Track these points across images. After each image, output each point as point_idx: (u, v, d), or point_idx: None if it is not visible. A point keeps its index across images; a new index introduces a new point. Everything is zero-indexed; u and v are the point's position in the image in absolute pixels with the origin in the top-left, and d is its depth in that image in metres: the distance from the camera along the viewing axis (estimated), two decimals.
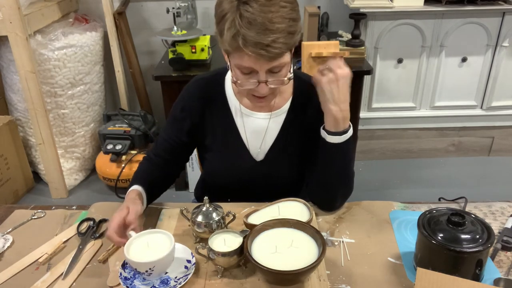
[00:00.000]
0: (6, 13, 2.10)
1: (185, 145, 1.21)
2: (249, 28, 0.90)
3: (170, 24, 2.45)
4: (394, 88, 2.68)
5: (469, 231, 0.87)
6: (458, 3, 2.42)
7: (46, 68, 2.38)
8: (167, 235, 0.95)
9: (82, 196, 2.61)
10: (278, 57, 0.95)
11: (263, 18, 0.90)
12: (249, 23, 0.90)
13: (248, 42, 0.91)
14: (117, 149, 2.48)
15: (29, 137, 2.61)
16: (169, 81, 2.22)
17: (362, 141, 2.78)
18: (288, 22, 0.93)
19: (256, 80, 0.99)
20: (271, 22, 0.90)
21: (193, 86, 1.20)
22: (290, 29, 0.93)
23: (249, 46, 0.91)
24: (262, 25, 0.90)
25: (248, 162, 1.20)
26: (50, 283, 0.95)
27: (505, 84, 2.68)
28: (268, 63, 0.95)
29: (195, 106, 1.18)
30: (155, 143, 1.24)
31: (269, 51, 0.91)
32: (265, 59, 0.93)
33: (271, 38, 0.90)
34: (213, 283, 0.93)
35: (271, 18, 0.90)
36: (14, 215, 1.18)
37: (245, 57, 0.94)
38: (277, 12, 0.91)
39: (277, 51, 0.92)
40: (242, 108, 1.16)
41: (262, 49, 0.91)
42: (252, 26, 0.90)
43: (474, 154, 2.91)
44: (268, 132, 1.17)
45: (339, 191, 1.14)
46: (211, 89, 1.18)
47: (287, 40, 0.93)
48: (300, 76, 1.19)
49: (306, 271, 0.85)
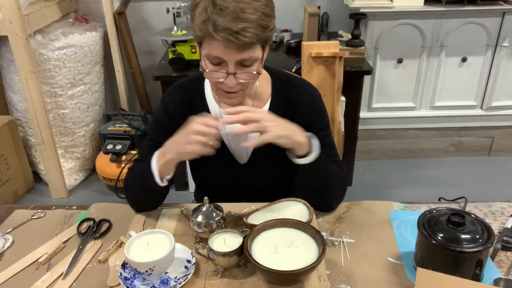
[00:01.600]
0: (6, 13, 2.10)
1: None
2: (220, 14, 0.91)
3: (170, 24, 2.45)
4: (394, 88, 2.68)
5: (469, 231, 0.87)
6: (458, 3, 2.43)
7: (46, 68, 2.38)
8: (167, 235, 0.95)
9: (82, 196, 2.61)
10: (248, 47, 0.94)
11: (235, 7, 0.91)
12: (220, 10, 0.91)
13: (218, 27, 0.91)
14: (117, 149, 2.48)
15: (29, 137, 2.61)
16: (169, 81, 2.19)
17: (362, 141, 2.78)
18: (260, 15, 0.93)
19: (225, 71, 0.98)
20: (242, 12, 0.91)
21: (174, 92, 1.19)
22: (262, 22, 0.93)
23: (219, 31, 0.91)
24: (234, 13, 0.91)
25: (232, 166, 1.20)
26: (50, 283, 0.95)
27: (505, 84, 2.68)
28: (237, 53, 0.95)
29: (178, 111, 1.17)
30: (140, 154, 1.21)
31: (238, 38, 0.91)
32: (234, 46, 0.93)
33: (241, 26, 0.91)
34: (213, 283, 0.93)
35: (243, 7, 0.91)
36: (14, 215, 1.18)
37: (214, 43, 0.94)
38: (250, 4, 0.92)
39: (247, 40, 0.92)
40: (223, 112, 1.16)
41: (231, 35, 0.91)
42: (224, 12, 0.91)
43: (474, 154, 2.91)
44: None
45: (328, 195, 1.14)
46: (191, 94, 1.18)
47: (258, 31, 0.93)
48: (278, 75, 1.19)
49: (306, 271, 0.85)
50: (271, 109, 1.16)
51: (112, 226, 1.12)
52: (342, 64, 2.05)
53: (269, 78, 1.18)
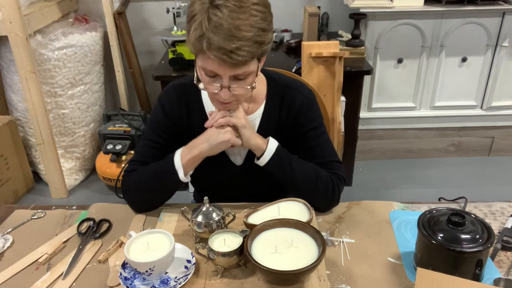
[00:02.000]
0: (6, 13, 2.10)
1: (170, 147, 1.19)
2: (215, 32, 0.89)
3: (170, 24, 2.45)
4: (394, 88, 2.68)
5: (469, 231, 0.87)
6: (458, 3, 2.43)
7: (46, 68, 2.38)
8: (167, 235, 0.95)
9: (82, 196, 2.61)
10: (242, 64, 0.94)
11: (230, 25, 0.89)
12: (215, 27, 0.89)
13: (212, 46, 0.90)
14: (117, 149, 2.48)
15: (29, 137, 2.61)
16: (169, 81, 2.20)
17: (362, 141, 2.78)
18: (256, 32, 0.92)
19: (219, 84, 0.98)
20: (237, 29, 0.89)
21: (170, 91, 1.19)
22: (257, 38, 0.92)
23: (213, 50, 0.90)
24: (228, 31, 0.89)
25: (228, 167, 1.21)
26: (50, 283, 0.95)
27: (505, 84, 2.68)
28: (231, 70, 0.94)
29: (175, 111, 1.17)
30: (137, 154, 1.21)
31: (232, 58, 0.90)
32: (227, 65, 0.92)
33: (236, 45, 0.89)
34: (213, 283, 0.93)
35: (238, 25, 0.89)
36: (14, 215, 1.18)
37: (208, 60, 0.93)
38: (246, 20, 0.90)
39: (240, 59, 0.91)
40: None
41: (225, 54, 0.90)
42: (218, 30, 0.89)
43: (474, 154, 2.91)
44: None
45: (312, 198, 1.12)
46: (188, 94, 1.18)
47: (253, 49, 0.92)
48: (273, 78, 1.19)
49: (306, 271, 0.85)
50: (266, 111, 1.16)
51: (112, 226, 1.12)
52: (342, 64, 2.05)
53: (265, 81, 1.18)
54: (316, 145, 1.17)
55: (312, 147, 1.16)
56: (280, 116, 1.17)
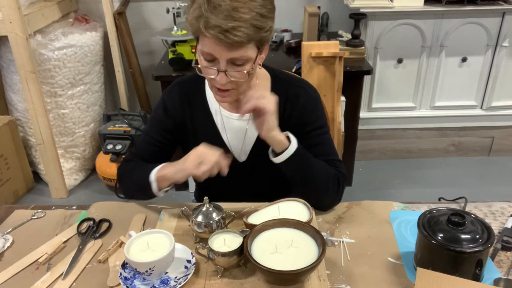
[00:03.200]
0: (6, 13, 2.11)
1: (169, 145, 1.22)
2: (212, 12, 0.91)
3: (170, 24, 2.45)
4: (394, 88, 2.68)
5: (469, 231, 0.87)
6: (458, 3, 2.43)
7: (46, 68, 2.38)
8: (167, 235, 0.95)
9: (82, 196, 2.61)
10: (238, 46, 0.94)
11: (229, 5, 0.91)
12: (213, 7, 0.91)
13: (208, 25, 0.91)
14: (117, 149, 2.48)
15: (29, 137, 2.61)
16: (169, 81, 2.18)
17: (362, 141, 2.78)
18: (254, 16, 0.93)
19: (216, 68, 0.99)
20: (235, 10, 0.91)
21: (174, 89, 1.20)
22: (255, 22, 0.93)
23: (209, 28, 0.91)
24: (226, 11, 0.91)
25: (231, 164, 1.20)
26: (50, 283, 0.95)
27: (505, 84, 2.68)
28: (227, 51, 0.95)
29: (177, 109, 1.18)
30: (136, 147, 1.23)
31: (227, 37, 0.91)
32: (223, 44, 0.93)
33: (232, 25, 0.91)
34: (213, 283, 0.93)
35: (237, 6, 0.91)
36: (14, 215, 1.18)
37: (206, 40, 0.94)
38: (245, 3, 0.92)
39: (236, 39, 0.92)
40: (222, 110, 1.16)
41: (221, 33, 0.91)
42: (216, 10, 0.91)
43: (474, 154, 2.91)
44: (248, 133, 1.18)
45: (314, 194, 1.13)
46: (191, 92, 1.19)
47: (250, 31, 0.93)
48: (277, 75, 1.19)
49: (306, 271, 0.85)
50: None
51: (112, 226, 1.12)
52: (342, 64, 2.05)
53: (269, 77, 1.18)
54: (319, 143, 1.16)
55: (315, 145, 1.16)
56: (284, 113, 1.17)
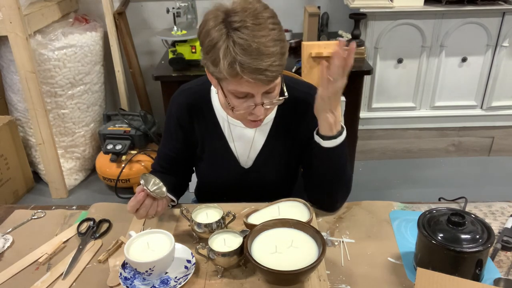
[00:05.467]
0: (6, 13, 2.10)
1: (185, 153, 1.23)
2: (244, 54, 0.89)
3: (170, 24, 2.45)
4: (394, 88, 2.68)
5: (469, 231, 0.87)
6: (458, 3, 2.42)
7: (46, 68, 2.38)
8: (167, 235, 0.96)
9: (82, 196, 2.61)
10: (275, 79, 0.95)
11: (258, 44, 0.89)
12: (244, 50, 0.89)
13: (246, 69, 0.90)
14: (117, 149, 2.48)
15: (29, 137, 2.61)
16: (169, 81, 2.22)
17: (362, 141, 2.78)
18: (279, 44, 0.93)
19: (252, 103, 0.98)
20: (265, 47, 0.90)
21: (180, 96, 1.20)
22: (282, 50, 0.94)
23: (247, 72, 0.90)
24: (257, 51, 0.89)
25: (237, 170, 1.21)
26: (50, 283, 0.95)
27: (505, 84, 2.68)
28: (264, 87, 0.96)
29: (184, 116, 1.18)
30: (157, 156, 1.27)
31: (267, 75, 0.91)
32: (263, 83, 0.93)
33: (267, 63, 0.90)
34: (213, 283, 0.93)
35: (265, 42, 0.90)
36: (14, 215, 1.18)
37: (243, 83, 0.93)
38: (268, 35, 0.91)
39: (274, 74, 0.92)
40: (229, 118, 1.16)
41: (261, 74, 0.90)
42: (247, 52, 0.89)
43: (474, 154, 2.91)
44: (255, 140, 1.18)
45: (338, 193, 1.14)
46: (198, 99, 1.18)
47: (282, 62, 0.93)
48: (286, 83, 1.18)
49: (306, 271, 0.85)
50: (279, 112, 1.17)
51: (112, 226, 1.12)
52: None
53: None
54: None
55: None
56: (292, 119, 1.17)
